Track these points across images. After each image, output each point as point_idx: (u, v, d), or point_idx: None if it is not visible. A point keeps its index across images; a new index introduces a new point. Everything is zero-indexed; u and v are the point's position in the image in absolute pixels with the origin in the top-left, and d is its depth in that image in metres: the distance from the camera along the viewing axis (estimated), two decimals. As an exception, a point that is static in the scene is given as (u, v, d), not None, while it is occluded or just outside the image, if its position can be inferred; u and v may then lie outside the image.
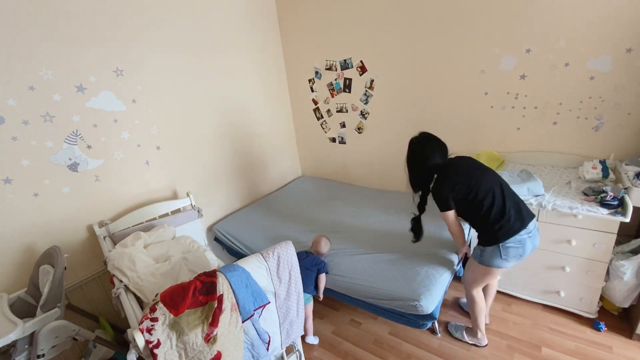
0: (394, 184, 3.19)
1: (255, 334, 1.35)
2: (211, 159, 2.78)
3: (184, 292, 1.17)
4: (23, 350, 1.49)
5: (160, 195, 2.44)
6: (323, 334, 2.22)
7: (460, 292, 2.38)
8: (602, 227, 1.81)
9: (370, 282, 1.91)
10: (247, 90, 3.03)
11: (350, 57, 2.95)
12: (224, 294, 1.21)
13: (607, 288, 1.94)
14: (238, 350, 1.25)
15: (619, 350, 1.84)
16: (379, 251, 2.14)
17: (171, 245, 1.87)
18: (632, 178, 1.81)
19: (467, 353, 1.94)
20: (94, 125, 2.01)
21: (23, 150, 1.76)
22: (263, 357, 1.37)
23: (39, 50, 1.75)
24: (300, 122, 3.62)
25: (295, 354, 1.77)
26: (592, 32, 1.97)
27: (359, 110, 3.12)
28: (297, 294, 1.52)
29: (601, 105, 2.08)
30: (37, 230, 1.88)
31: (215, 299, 1.20)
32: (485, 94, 2.43)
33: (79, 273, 2.07)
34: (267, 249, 1.43)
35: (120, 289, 1.53)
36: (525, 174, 2.08)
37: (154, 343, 1.10)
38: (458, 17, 2.34)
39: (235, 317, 1.24)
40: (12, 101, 1.69)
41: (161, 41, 2.28)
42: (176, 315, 1.14)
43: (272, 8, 3.17)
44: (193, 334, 1.15)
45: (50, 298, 1.51)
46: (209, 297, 1.21)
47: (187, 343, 1.15)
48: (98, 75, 1.99)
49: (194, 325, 1.16)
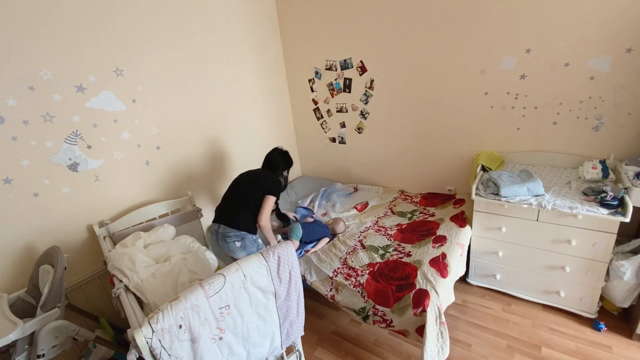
0: (394, 183, 3.20)
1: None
2: (211, 159, 2.78)
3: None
4: (23, 350, 1.49)
5: (160, 195, 2.44)
6: (323, 334, 2.22)
7: (461, 292, 2.38)
8: (602, 227, 1.81)
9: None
10: (247, 90, 3.03)
11: (350, 57, 2.95)
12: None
13: (607, 288, 1.94)
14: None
15: (619, 350, 1.84)
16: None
17: (171, 246, 1.87)
18: (632, 178, 1.81)
19: (467, 353, 1.95)
20: (94, 125, 2.01)
21: (23, 150, 1.76)
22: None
23: (39, 50, 1.75)
24: (300, 122, 3.62)
25: (295, 354, 1.77)
26: (592, 32, 1.97)
27: (359, 110, 3.12)
28: (297, 294, 1.52)
29: (601, 105, 2.08)
30: (37, 230, 1.88)
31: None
32: (485, 94, 2.43)
33: (79, 273, 2.07)
34: (267, 249, 1.43)
35: (121, 289, 1.53)
36: (525, 174, 2.08)
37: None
38: (458, 17, 2.34)
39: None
40: (12, 101, 1.69)
41: (161, 41, 2.28)
42: None
43: (272, 8, 3.16)
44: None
45: (50, 298, 1.51)
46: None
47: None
48: (98, 75, 1.99)
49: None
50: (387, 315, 1.79)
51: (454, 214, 2.42)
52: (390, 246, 2.23)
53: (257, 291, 1.37)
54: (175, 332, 1.15)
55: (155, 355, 1.12)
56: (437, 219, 2.43)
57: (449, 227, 2.26)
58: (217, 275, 1.27)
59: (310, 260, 2.23)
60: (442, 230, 2.26)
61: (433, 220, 2.43)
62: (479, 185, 2.17)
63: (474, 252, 2.32)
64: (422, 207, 2.72)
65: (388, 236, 2.35)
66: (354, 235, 2.43)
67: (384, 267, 2.01)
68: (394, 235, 2.34)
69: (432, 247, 2.09)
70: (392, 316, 1.77)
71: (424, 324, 1.66)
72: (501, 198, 2.00)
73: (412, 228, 2.39)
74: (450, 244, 2.09)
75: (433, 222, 2.39)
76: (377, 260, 2.08)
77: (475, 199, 2.12)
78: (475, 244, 2.29)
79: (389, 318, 1.79)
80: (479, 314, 2.21)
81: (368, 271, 2.00)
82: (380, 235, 2.37)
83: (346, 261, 2.14)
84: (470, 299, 2.34)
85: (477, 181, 2.20)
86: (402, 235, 2.32)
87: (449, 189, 2.89)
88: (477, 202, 2.16)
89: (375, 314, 1.83)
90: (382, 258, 2.10)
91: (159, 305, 1.34)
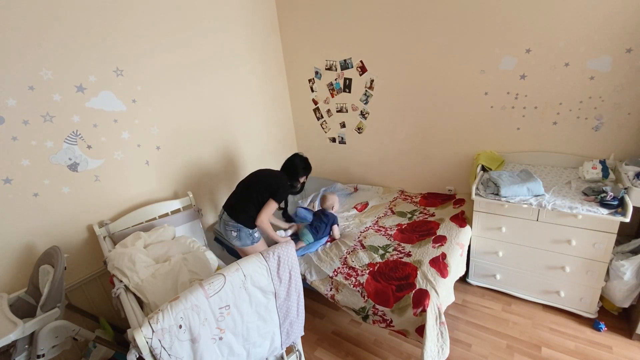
0: (394, 183, 3.20)
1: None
2: (211, 159, 2.78)
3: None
4: (23, 351, 1.49)
5: (160, 195, 2.44)
6: (323, 334, 2.22)
7: (461, 292, 2.38)
8: (602, 227, 1.81)
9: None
10: (246, 90, 3.02)
11: (350, 57, 2.95)
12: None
13: (607, 288, 1.94)
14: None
15: (619, 350, 1.84)
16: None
17: (171, 246, 1.87)
18: (632, 178, 1.81)
19: (467, 353, 1.95)
20: (94, 125, 2.01)
21: (23, 150, 1.76)
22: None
23: (39, 50, 1.75)
24: (300, 122, 3.62)
25: (295, 354, 1.77)
26: (592, 32, 1.97)
27: (359, 110, 3.12)
28: (297, 294, 1.52)
29: (601, 105, 2.08)
30: (37, 230, 1.88)
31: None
32: (485, 94, 2.43)
33: (79, 273, 2.07)
34: (267, 248, 1.43)
35: (120, 289, 1.53)
36: (525, 174, 2.08)
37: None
38: (458, 17, 2.34)
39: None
40: (12, 101, 1.69)
41: (161, 41, 2.28)
42: None
43: (272, 8, 3.16)
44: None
45: (50, 298, 1.51)
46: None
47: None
48: (98, 75, 1.99)
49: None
50: (387, 315, 1.79)
51: (454, 214, 2.42)
52: (390, 246, 2.23)
53: (257, 291, 1.37)
54: (175, 332, 1.15)
55: (155, 355, 1.12)
56: (437, 219, 2.43)
57: (449, 227, 2.26)
58: (217, 275, 1.27)
59: (311, 260, 2.23)
60: (442, 230, 2.26)
61: (433, 220, 2.43)
62: (479, 185, 2.17)
63: (474, 252, 2.32)
64: (422, 207, 2.72)
65: (388, 236, 2.35)
66: (354, 235, 2.43)
67: (384, 267, 2.01)
68: (394, 235, 2.34)
69: (432, 247, 2.09)
70: (392, 316, 1.77)
71: (424, 324, 1.66)
72: (501, 198, 2.00)
73: (412, 228, 2.39)
74: (450, 244, 2.09)
75: (433, 222, 2.39)
76: (377, 260, 2.08)
77: (475, 199, 2.12)
78: (475, 244, 2.29)
79: (389, 318, 1.79)
80: (479, 314, 2.21)
81: (368, 271, 2.00)
82: (380, 235, 2.37)
83: (346, 261, 2.14)
84: (470, 299, 2.34)
85: (477, 181, 2.20)
86: (402, 235, 2.32)
87: (449, 189, 2.89)
88: (477, 202, 2.16)
89: (375, 314, 1.83)
90: (382, 258, 2.11)
91: (159, 305, 1.34)
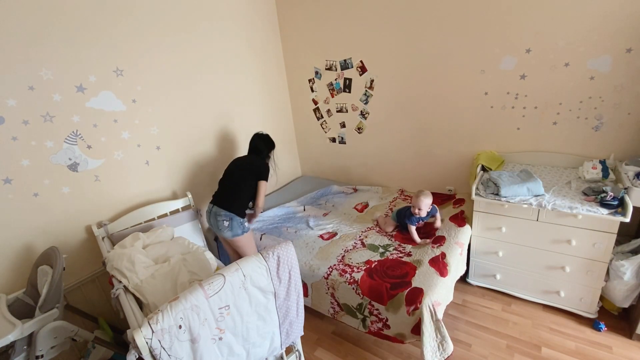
0: (394, 183, 3.20)
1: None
2: (211, 159, 2.78)
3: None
4: (22, 351, 1.49)
5: (160, 195, 2.44)
6: (323, 334, 2.22)
7: (461, 292, 2.38)
8: (602, 227, 1.81)
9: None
10: (247, 90, 3.02)
11: (350, 57, 2.95)
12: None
13: (607, 288, 1.94)
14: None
15: (619, 350, 1.84)
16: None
17: (170, 246, 1.86)
18: (632, 178, 1.81)
19: (467, 353, 1.94)
20: (94, 125, 2.01)
21: (23, 150, 1.76)
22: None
23: (39, 50, 1.75)
24: (300, 122, 3.62)
25: (295, 354, 1.77)
26: (592, 32, 1.97)
27: (359, 110, 3.12)
28: (297, 294, 1.52)
29: (601, 105, 2.08)
30: (36, 231, 1.87)
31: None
32: (485, 94, 2.43)
33: (78, 273, 2.07)
34: (267, 249, 1.43)
35: (120, 289, 1.53)
36: (525, 174, 2.08)
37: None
38: (458, 17, 2.34)
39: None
40: (12, 101, 1.69)
41: (161, 41, 2.28)
42: None
43: (272, 8, 3.16)
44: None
45: (49, 299, 1.51)
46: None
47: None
48: (98, 75, 1.99)
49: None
50: (382, 313, 1.80)
51: (454, 213, 2.42)
52: (390, 245, 2.23)
53: (256, 291, 1.37)
54: (175, 333, 1.15)
55: (155, 355, 1.12)
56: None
57: (448, 227, 2.26)
58: (216, 276, 1.27)
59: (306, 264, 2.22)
60: (442, 230, 2.26)
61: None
62: (479, 185, 2.17)
63: (474, 252, 2.32)
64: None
65: (389, 237, 2.35)
66: (355, 235, 2.42)
67: (381, 265, 2.02)
68: (394, 236, 2.34)
69: (432, 247, 2.09)
70: (387, 314, 1.78)
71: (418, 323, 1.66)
72: (501, 198, 2.00)
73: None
74: (450, 244, 2.09)
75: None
76: (377, 258, 2.09)
77: (475, 199, 2.12)
78: (475, 243, 2.29)
79: (384, 317, 1.80)
80: (479, 314, 2.21)
81: (364, 268, 2.00)
82: (382, 236, 2.37)
83: (344, 258, 2.15)
84: (470, 298, 2.34)
85: (477, 181, 2.20)
86: (403, 236, 2.32)
87: (448, 189, 2.89)
88: (477, 202, 2.16)
89: (372, 313, 1.84)
90: (381, 256, 2.11)
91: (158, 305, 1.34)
